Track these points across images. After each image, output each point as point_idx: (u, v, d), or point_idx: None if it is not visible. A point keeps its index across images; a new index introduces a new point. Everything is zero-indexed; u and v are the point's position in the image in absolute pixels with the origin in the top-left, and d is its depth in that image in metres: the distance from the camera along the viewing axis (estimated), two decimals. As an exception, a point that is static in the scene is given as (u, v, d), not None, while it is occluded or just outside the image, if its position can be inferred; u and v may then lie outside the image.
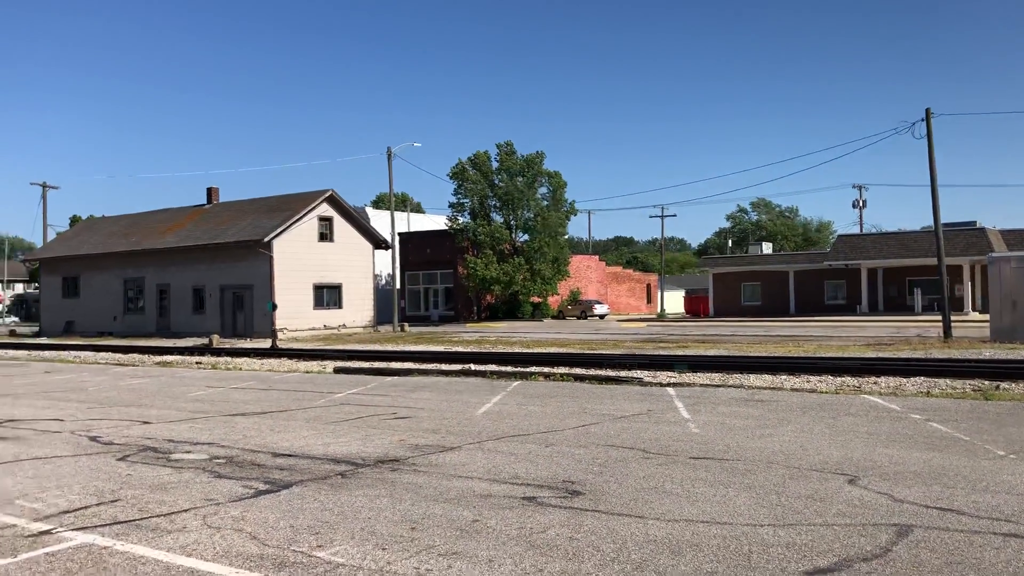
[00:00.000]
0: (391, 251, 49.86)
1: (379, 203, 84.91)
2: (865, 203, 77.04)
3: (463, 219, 57.70)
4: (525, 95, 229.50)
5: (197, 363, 25.45)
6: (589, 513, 6.54)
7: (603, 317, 61.04)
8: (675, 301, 77.00)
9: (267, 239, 42.72)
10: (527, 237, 57.58)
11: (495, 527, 6.17)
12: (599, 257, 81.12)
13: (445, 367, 20.52)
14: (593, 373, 18.11)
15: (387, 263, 54.02)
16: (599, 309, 61.47)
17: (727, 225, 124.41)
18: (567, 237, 61.08)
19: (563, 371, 18.55)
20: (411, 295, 60.29)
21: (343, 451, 9.59)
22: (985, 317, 37.39)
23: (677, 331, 40.60)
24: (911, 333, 33.60)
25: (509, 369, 19.42)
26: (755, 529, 6.01)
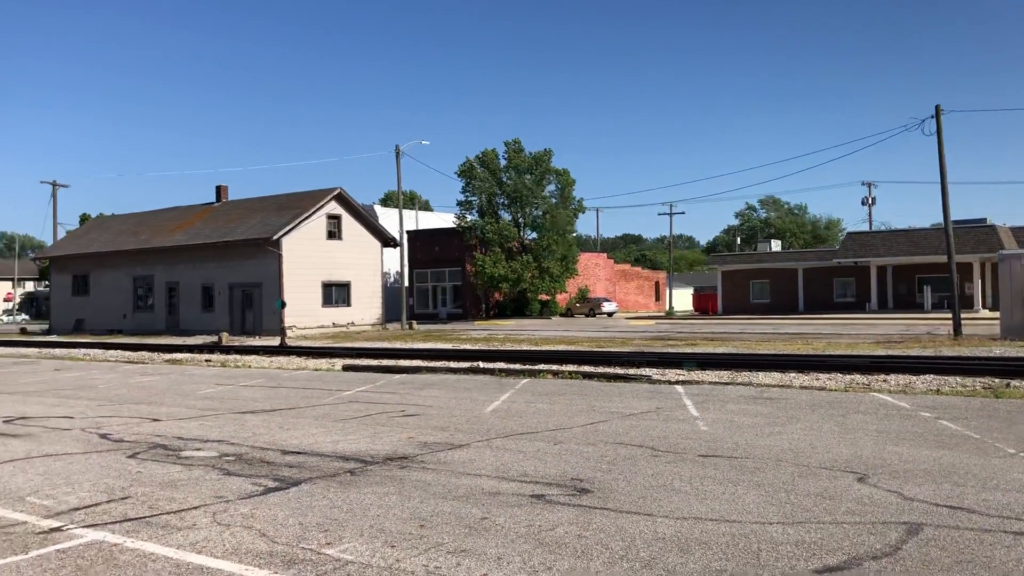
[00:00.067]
0: (399, 249, 49.92)
1: (387, 201, 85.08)
2: (874, 200, 76.86)
3: (471, 217, 57.70)
4: (533, 92, 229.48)
5: (206, 361, 25.53)
6: (598, 511, 6.54)
7: (611, 315, 60.98)
8: (684, 299, 76.90)
9: (276, 237, 42.83)
10: (535, 235, 57.57)
11: (504, 525, 6.18)
12: (607, 255, 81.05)
13: (454, 365, 20.53)
14: (602, 371, 18.09)
15: (395, 261, 54.10)
16: (607, 307, 61.41)
17: (736, 222, 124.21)
18: (575, 235, 61.05)
19: (571, 369, 18.55)
20: (419, 293, 60.35)
21: (352, 448, 9.61)
22: (995, 315, 37.22)
23: (686, 329, 40.55)
24: (921, 331, 33.47)
25: (517, 367, 19.43)
26: (764, 527, 6.00)
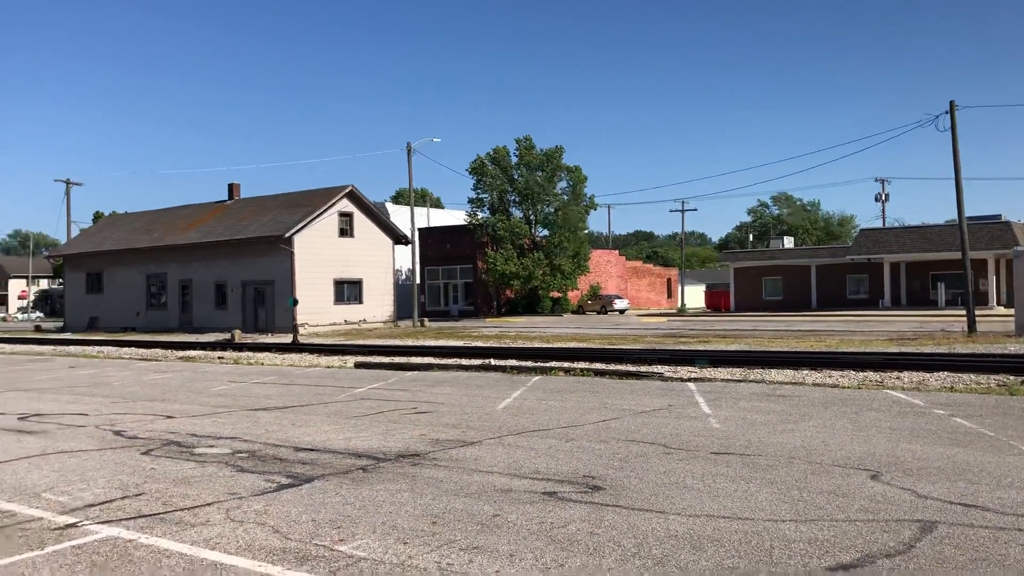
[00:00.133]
0: (411, 246, 50.00)
1: (399, 198, 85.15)
2: (888, 197, 76.44)
3: (482, 214, 57.66)
4: (545, 89, 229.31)
5: (219, 358, 25.65)
6: (610, 508, 6.54)
7: (623, 312, 60.87)
8: (696, 296, 76.65)
9: (288, 235, 42.96)
10: (547, 232, 57.49)
11: (516, 522, 6.18)
12: (619, 252, 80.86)
13: (465, 362, 20.56)
14: (613, 368, 18.07)
15: (407, 258, 54.19)
16: (619, 304, 61.30)
17: (748, 219, 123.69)
18: (587, 232, 60.95)
19: (583, 366, 18.54)
20: (431, 290, 60.40)
21: (364, 446, 9.63)
22: (1010, 311, 37.00)
23: (698, 326, 40.45)
24: (934, 328, 33.26)
25: (529, 364, 19.44)
26: (777, 525, 5.98)
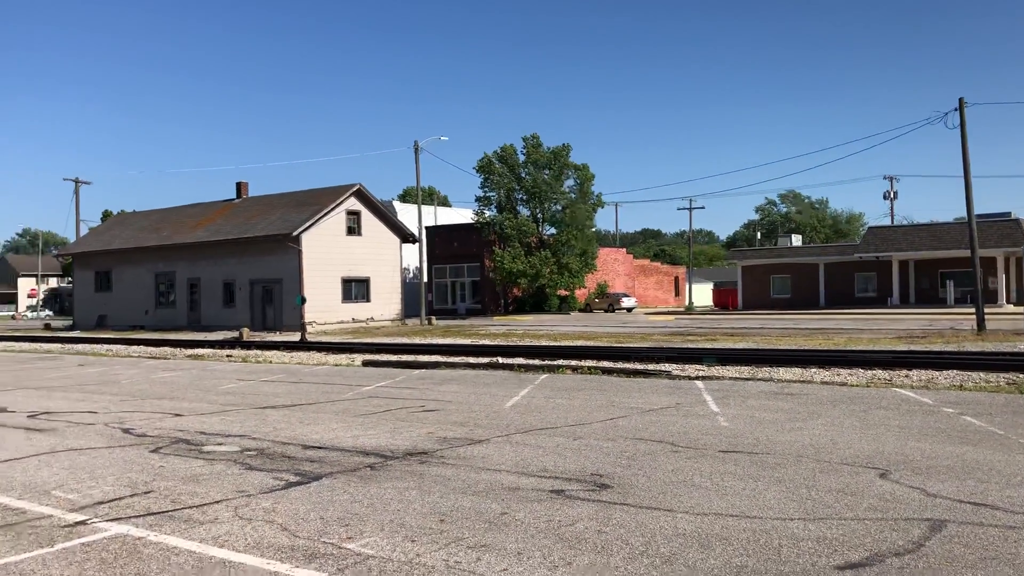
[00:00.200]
0: (418, 245, 50.01)
1: (406, 197, 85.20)
2: (896, 194, 76.11)
3: (490, 212, 57.63)
4: (552, 87, 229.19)
5: (228, 356, 25.71)
6: (617, 506, 6.53)
7: (630, 310, 60.79)
8: (703, 294, 76.50)
9: (296, 233, 43.02)
10: (554, 230, 57.44)
11: (523, 520, 6.18)
12: (626, 250, 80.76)
13: (473, 360, 20.56)
14: (621, 366, 18.06)
15: (414, 256, 54.20)
16: (626, 302, 61.22)
17: (756, 217, 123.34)
18: (594, 230, 60.84)
19: (591, 364, 18.53)
20: (438, 288, 60.42)
21: (372, 443, 9.64)
22: (1020, 309, 36.88)
23: (705, 324, 40.37)
24: (943, 326, 33.14)
25: (536, 362, 19.43)
26: (785, 523, 5.97)
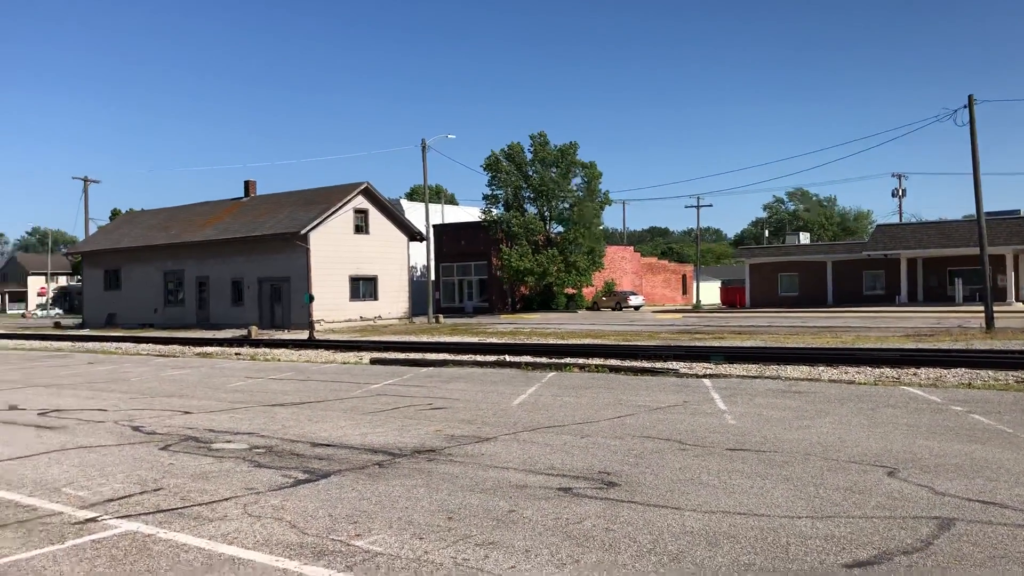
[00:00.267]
0: (426, 243, 50.07)
1: (413, 195, 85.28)
2: (905, 192, 75.92)
3: (497, 211, 57.66)
4: (559, 86, 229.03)
5: (236, 354, 25.78)
6: (625, 504, 6.54)
7: (638, 308, 60.75)
8: (711, 292, 76.42)
9: (304, 232, 43.10)
10: (561, 228, 57.44)
11: (531, 517, 6.19)
12: (634, 248, 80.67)
13: (480, 358, 20.57)
14: (628, 364, 18.05)
15: (422, 255, 54.27)
16: (634, 300, 61.18)
17: (764, 215, 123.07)
18: (602, 228, 60.80)
19: (598, 362, 18.53)
20: (445, 287, 60.49)
21: (380, 441, 9.67)
22: (1029, 307, 36.71)
23: (713, 322, 40.31)
24: (952, 324, 33.00)
25: (544, 360, 19.43)
26: (793, 521, 5.97)
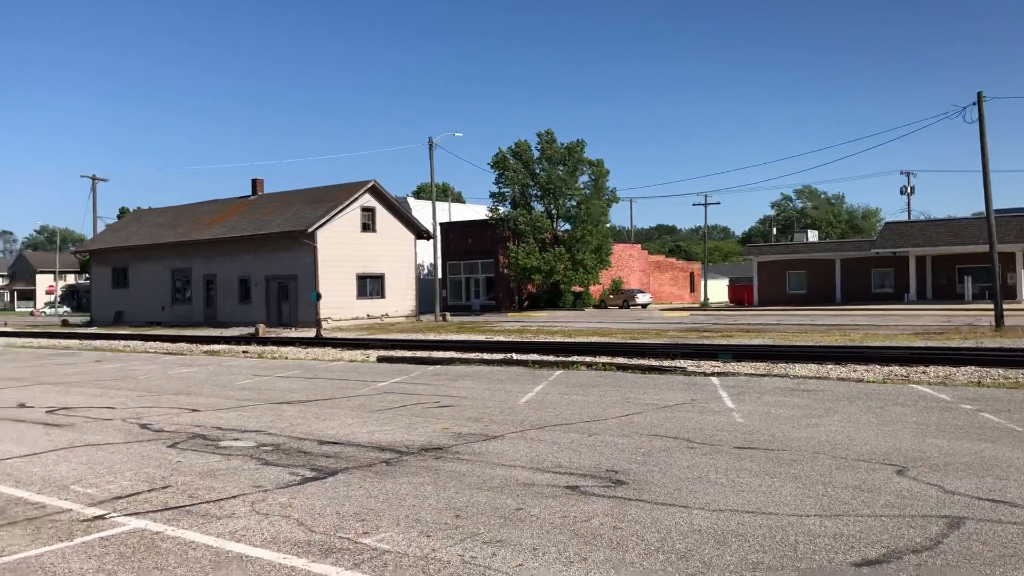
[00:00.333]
0: (433, 241, 50.08)
1: (420, 193, 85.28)
2: (913, 189, 75.70)
3: (504, 208, 57.61)
4: (566, 83, 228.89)
5: (244, 352, 25.83)
6: (633, 502, 6.52)
7: (645, 306, 60.66)
8: (719, 290, 76.25)
9: (311, 230, 43.16)
10: (569, 226, 57.36)
11: (539, 515, 6.19)
12: (641, 246, 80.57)
13: (487, 356, 20.56)
14: (636, 362, 18.02)
15: (429, 253, 54.28)
16: (641, 298, 61.08)
17: (772, 213, 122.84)
18: (609, 226, 60.71)
19: (605, 360, 18.50)
20: (452, 284, 60.51)
21: (388, 439, 9.67)
22: (1039, 305, 36.53)
23: (721, 320, 40.23)
24: (961, 322, 32.88)
25: (551, 358, 19.41)
26: (801, 520, 5.95)
